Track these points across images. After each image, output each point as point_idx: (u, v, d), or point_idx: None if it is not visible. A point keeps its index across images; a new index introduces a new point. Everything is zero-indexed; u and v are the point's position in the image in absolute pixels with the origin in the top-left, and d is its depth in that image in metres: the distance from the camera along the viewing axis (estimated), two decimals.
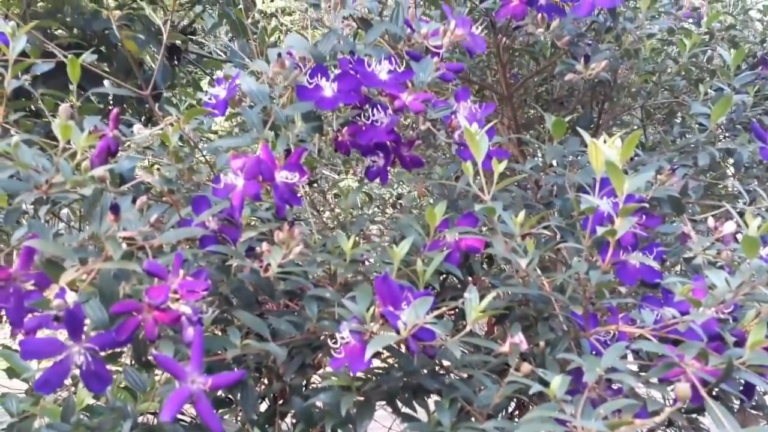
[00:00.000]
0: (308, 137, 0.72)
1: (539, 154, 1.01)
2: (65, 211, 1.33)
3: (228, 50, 2.11)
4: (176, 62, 1.94)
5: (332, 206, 1.04)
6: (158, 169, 0.73)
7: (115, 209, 0.51)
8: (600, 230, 0.60)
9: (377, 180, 0.76)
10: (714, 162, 0.99)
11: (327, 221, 1.06)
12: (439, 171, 0.88)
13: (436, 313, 0.55)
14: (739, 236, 0.70)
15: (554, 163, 0.92)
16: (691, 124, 1.22)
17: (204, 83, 2.07)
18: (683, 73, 1.14)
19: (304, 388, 0.77)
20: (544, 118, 1.30)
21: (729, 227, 0.70)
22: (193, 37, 2.04)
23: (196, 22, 2.00)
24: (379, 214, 1.16)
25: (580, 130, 0.66)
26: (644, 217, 0.79)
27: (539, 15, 0.79)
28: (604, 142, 0.62)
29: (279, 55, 0.64)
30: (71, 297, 0.46)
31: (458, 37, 0.64)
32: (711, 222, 0.71)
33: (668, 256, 0.80)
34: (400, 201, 1.10)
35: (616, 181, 0.57)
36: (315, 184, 1.08)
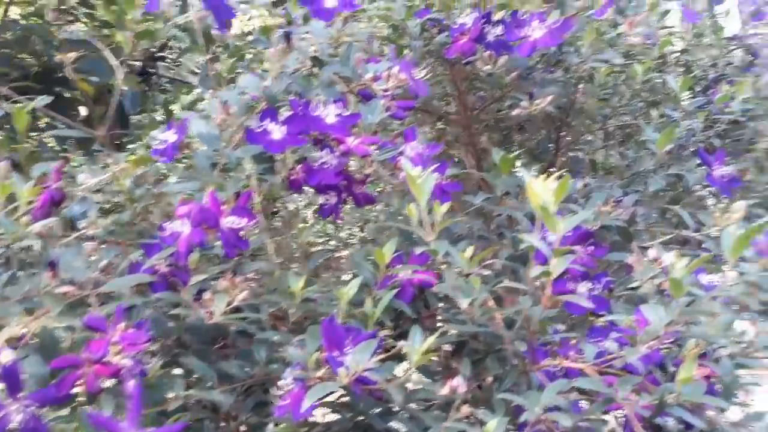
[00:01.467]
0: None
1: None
2: None
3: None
4: (147, 87, 1.94)
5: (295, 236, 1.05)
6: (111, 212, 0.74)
7: (53, 264, 0.52)
8: (536, 270, 0.61)
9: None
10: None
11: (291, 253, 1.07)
12: (396, 203, 0.90)
13: (379, 357, 0.56)
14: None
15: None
16: (648, 146, 1.25)
17: (177, 107, 2.08)
18: (638, 96, 1.17)
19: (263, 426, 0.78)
20: (509, 142, 1.33)
21: (669, 258, 0.72)
22: (166, 60, 2.05)
23: (169, 44, 2.01)
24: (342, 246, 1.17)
25: (522, 170, 0.68)
26: (591, 247, 0.81)
27: (486, 53, 0.81)
28: (548, 176, 0.64)
29: (225, 102, 0.65)
30: (6, 355, 0.46)
31: (401, 81, 0.65)
32: (652, 253, 0.73)
33: (615, 285, 0.82)
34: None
35: (549, 223, 0.59)
36: (278, 215, 1.09)
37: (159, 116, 1.95)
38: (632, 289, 0.82)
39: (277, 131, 0.69)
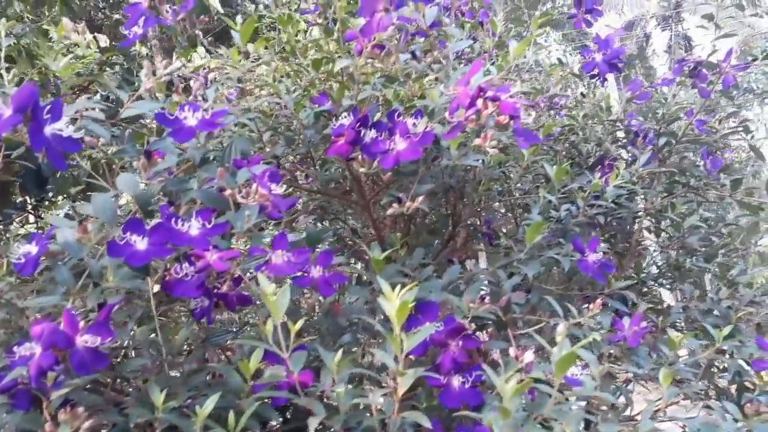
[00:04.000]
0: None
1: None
2: None
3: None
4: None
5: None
6: None
7: None
8: (389, 384, 0.63)
9: None
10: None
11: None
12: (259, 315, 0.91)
13: None
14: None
15: None
16: None
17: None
18: (525, 177, 1.23)
19: None
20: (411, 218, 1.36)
21: (528, 356, 0.75)
22: None
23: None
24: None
25: (380, 279, 0.70)
26: (461, 343, 0.84)
27: (360, 157, 0.84)
28: (403, 287, 0.67)
29: (81, 220, 0.65)
30: None
31: (262, 197, 0.67)
32: (512, 351, 0.76)
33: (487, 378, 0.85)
34: None
35: (393, 342, 0.61)
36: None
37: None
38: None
39: (140, 243, 0.69)
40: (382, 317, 0.73)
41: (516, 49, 0.77)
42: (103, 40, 1.86)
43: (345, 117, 0.88)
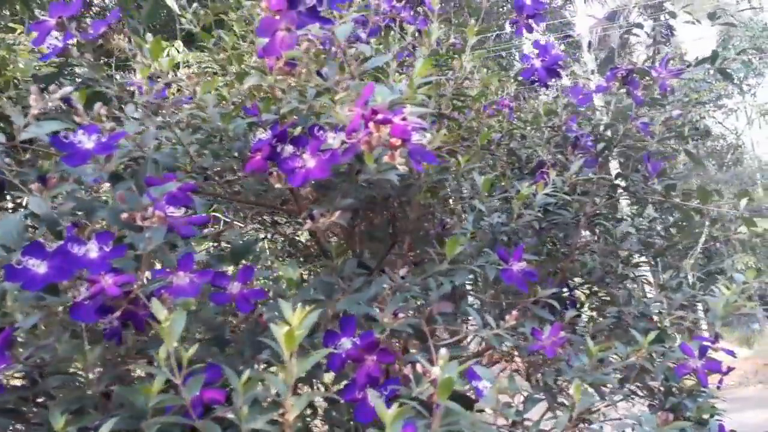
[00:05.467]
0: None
1: None
2: None
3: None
4: None
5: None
6: None
7: None
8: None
9: None
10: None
11: None
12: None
13: None
14: None
15: None
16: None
17: None
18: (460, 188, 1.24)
19: None
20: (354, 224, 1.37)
21: (436, 371, 0.76)
22: None
23: None
24: None
25: (281, 302, 0.70)
26: (376, 357, 0.85)
27: (275, 173, 0.84)
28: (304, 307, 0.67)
29: None
30: None
31: (159, 220, 0.67)
32: (419, 367, 0.77)
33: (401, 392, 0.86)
34: None
35: (282, 371, 0.62)
36: None
37: None
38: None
39: (40, 267, 0.69)
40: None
41: (420, 69, 0.78)
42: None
43: (262, 132, 0.88)
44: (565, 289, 1.31)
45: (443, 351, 0.63)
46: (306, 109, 0.92)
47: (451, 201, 1.40)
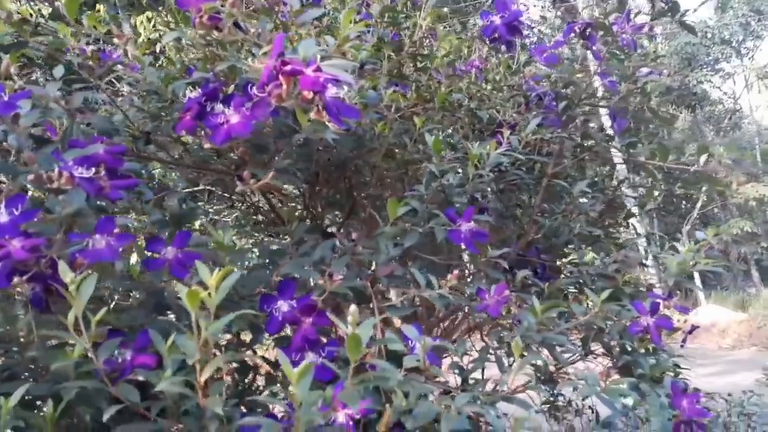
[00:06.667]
0: None
1: None
2: None
3: None
4: None
5: None
6: None
7: None
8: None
9: None
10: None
11: None
12: None
13: None
14: None
15: None
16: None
17: None
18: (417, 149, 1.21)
19: None
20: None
21: (346, 330, 0.75)
22: None
23: None
24: None
25: (198, 264, 0.69)
26: (311, 319, 0.84)
27: (203, 131, 0.82)
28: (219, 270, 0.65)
29: None
30: None
31: (66, 182, 0.65)
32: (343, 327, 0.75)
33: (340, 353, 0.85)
34: None
35: (190, 335, 0.60)
36: None
37: None
38: None
39: None
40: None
41: (343, 20, 0.74)
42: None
43: (192, 91, 0.85)
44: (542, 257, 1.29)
45: (352, 308, 0.61)
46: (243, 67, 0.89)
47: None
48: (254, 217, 1.52)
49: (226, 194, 1.43)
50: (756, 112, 15.35)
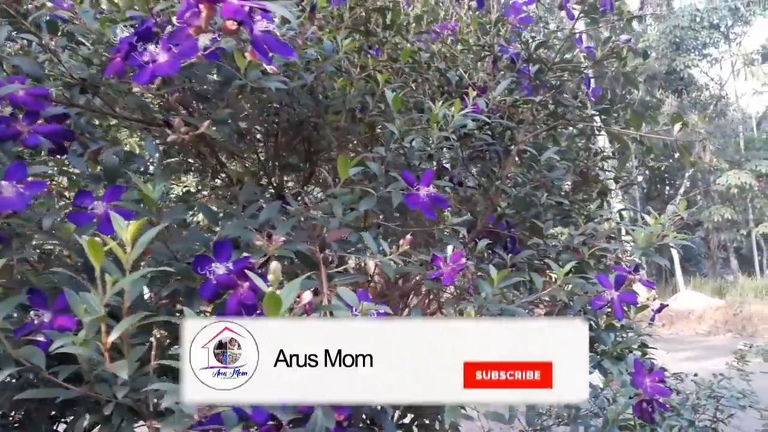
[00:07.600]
0: None
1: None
2: None
3: None
4: None
5: None
6: None
7: None
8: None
9: None
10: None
11: None
12: None
13: None
14: None
15: None
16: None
17: None
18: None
19: None
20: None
21: (306, 297, 0.69)
22: None
23: None
24: None
25: (113, 215, 0.62)
26: (248, 283, 0.78)
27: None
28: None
29: None
30: None
31: None
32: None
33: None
34: None
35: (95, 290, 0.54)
36: None
37: None
38: None
39: None
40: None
41: None
42: None
43: (123, 30, 0.78)
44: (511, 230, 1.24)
45: (273, 264, 0.55)
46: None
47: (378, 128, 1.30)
48: (212, 181, 1.44)
49: (182, 155, 1.35)
50: (741, 99, 15.40)
